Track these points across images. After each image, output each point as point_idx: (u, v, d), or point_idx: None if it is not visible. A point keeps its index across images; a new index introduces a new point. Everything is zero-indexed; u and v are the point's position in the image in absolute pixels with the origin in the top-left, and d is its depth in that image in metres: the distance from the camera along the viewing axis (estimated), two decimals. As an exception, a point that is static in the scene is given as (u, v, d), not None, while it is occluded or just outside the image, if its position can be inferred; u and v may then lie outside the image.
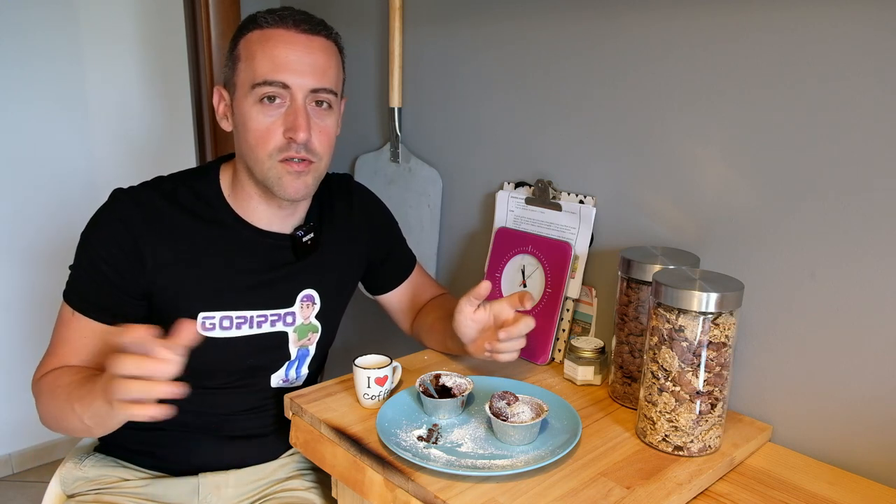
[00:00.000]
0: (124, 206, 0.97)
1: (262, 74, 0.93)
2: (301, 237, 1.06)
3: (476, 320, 0.99)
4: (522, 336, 0.97)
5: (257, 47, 0.94)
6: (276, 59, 0.93)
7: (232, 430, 1.07)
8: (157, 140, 2.47)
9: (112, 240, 0.96)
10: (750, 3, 0.92)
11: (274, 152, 0.95)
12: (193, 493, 1.05)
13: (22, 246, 2.20)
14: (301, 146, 0.95)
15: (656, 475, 0.83)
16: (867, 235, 0.86)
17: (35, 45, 2.13)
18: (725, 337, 0.84)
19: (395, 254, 1.23)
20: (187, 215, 1.00)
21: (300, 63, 0.94)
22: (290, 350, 1.08)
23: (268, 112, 0.94)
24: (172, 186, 1.02)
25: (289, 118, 0.94)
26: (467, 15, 1.31)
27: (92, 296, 0.96)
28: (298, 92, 0.94)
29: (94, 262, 0.96)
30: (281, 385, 1.09)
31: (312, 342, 1.10)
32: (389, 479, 0.83)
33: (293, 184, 0.97)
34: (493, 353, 0.98)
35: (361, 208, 1.18)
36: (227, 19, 1.70)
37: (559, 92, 1.18)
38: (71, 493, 1.07)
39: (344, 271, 1.15)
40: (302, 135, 0.93)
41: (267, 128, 0.94)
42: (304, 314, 1.08)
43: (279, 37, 0.94)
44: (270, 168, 0.96)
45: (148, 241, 0.96)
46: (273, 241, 1.05)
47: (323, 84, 0.96)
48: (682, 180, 1.04)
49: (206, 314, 1.00)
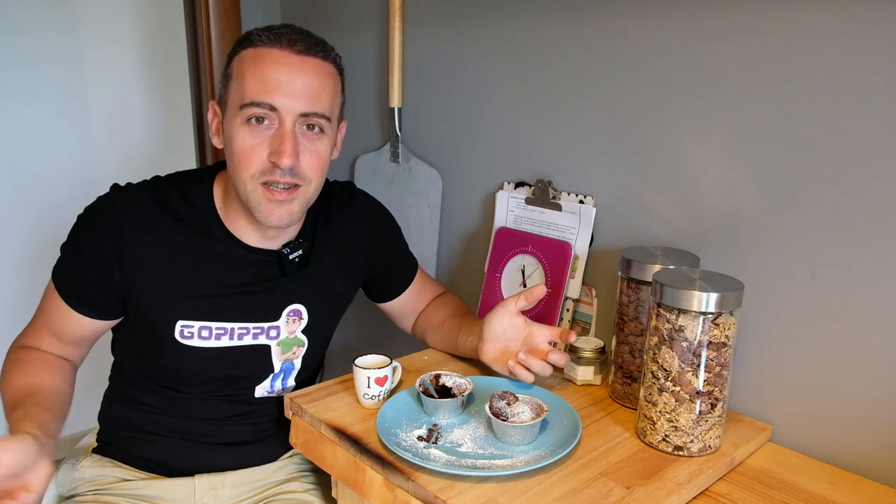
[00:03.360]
0: (116, 204, 0.98)
1: (250, 95, 0.90)
2: (288, 255, 1.03)
3: (512, 321, 1.00)
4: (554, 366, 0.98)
5: (248, 66, 0.91)
6: (266, 80, 0.89)
7: (225, 436, 1.07)
8: (157, 143, 2.47)
9: (97, 237, 0.97)
10: (750, 3, 0.92)
11: (256, 174, 0.92)
12: (190, 494, 1.05)
13: (22, 246, 2.19)
14: (286, 172, 0.92)
15: (656, 475, 0.83)
16: (867, 235, 0.86)
17: (35, 47, 2.13)
18: (725, 337, 0.84)
19: (396, 263, 1.21)
20: (176, 222, 0.99)
21: (290, 85, 0.90)
22: (274, 363, 1.06)
23: (255, 133, 0.91)
24: (167, 190, 1.01)
25: (275, 141, 0.91)
26: (467, 15, 1.31)
27: (71, 283, 0.99)
28: (287, 115, 0.90)
29: (81, 251, 0.98)
30: (266, 396, 1.09)
31: (298, 356, 1.09)
32: (389, 479, 0.83)
33: (276, 212, 0.94)
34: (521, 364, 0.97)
35: (363, 218, 1.15)
36: (227, 21, 1.70)
37: (559, 92, 1.18)
38: (68, 495, 1.07)
39: (337, 285, 1.12)
40: (286, 161, 0.90)
41: (252, 148, 0.91)
42: (289, 328, 1.06)
43: (271, 56, 0.90)
44: (252, 191, 0.93)
45: (132, 242, 0.97)
46: (260, 258, 1.03)
47: (314, 108, 0.92)
48: (682, 180, 1.04)
49: (185, 322, 1.00)
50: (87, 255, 0.97)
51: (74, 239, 0.99)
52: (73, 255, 0.98)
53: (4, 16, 2.05)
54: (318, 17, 1.66)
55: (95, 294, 0.99)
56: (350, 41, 1.57)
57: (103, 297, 0.99)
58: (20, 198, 2.16)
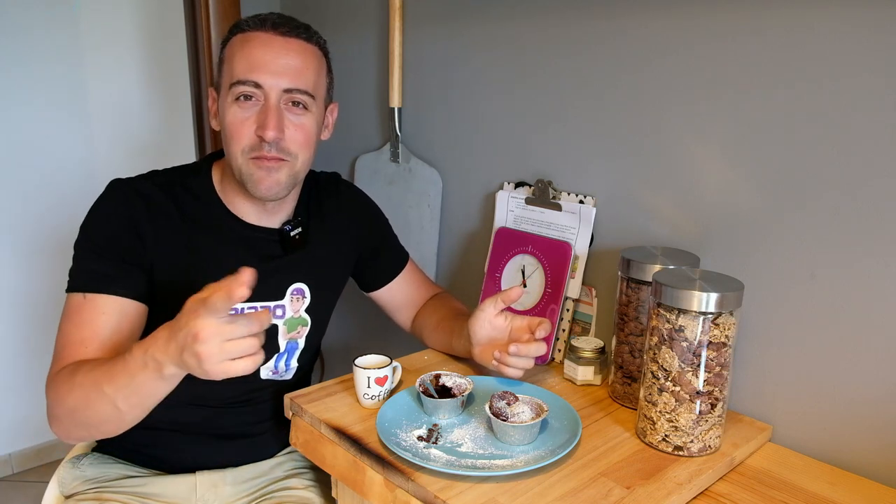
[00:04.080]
0: (124, 193, 0.99)
1: (237, 74, 0.96)
2: (289, 231, 1.08)
3: (493, 324, 1.00)
4: (531, 357, 0.97)
5: (237, 49, 0.98)
6: (252, 60, 0.96)
7: (225, 425, 1.08)
8: (158, 140, 2.47)
9: (115, 218, 0.97)
10: (750, 3, 0.92)
11: (246, 148, 0.98)
12: (191, 492, 1.05)
13: (22, 246, 2.19)
14: (272, 145, 0.97)
15: (656, 475, 0.83)
16: (867, 235, 0.86)
17: (36, 45, 2.13)
18: (725, 337, 0.84)
19: (385, 249, 1.24)
20: (181, 208, 1.02)
21: (274, 63, 0.96)
22: (279, 342, 1.09)
23: (244, 108, 0.97)
24: (167, 180, 1.04)
25: (260, 116, 0.97)
26: (467, 15, 1.31)
27: (103, 271, 0.95)
28: (271, 91, 0.96)
29: (98, 241, 0.96)
30: (271, 377, 1.10)
31: (301, 335, 1.12)
32: (389, 479, 0.83)
33: (265, 180, 0.98)
34: (501, 364, 0.98)
35: (349, 204, 1.20)
36: (227, 19, 1.70)
37: (559, 92, 1.18)
38: (69, 494, 1.07)
39: (333, 266, 1.16)
40: (270, 133, 0.95)
41: (241, 122, 0.97)
42: (293, 307, 1.09)
43: (256, 39, 0.97)
44: (243, 164, 0.98)
45: (147, 226, 0.98)
46: (262, 236, 1.07)
47: (296, 85, 0.98)
48: (682, 180, 1.04)
49: None
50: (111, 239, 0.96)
51: (90, 235, 0.97)
52: (96, 247, 0.96)
53: (5, 14, 2.05)
54: (317, 17, 1.66)
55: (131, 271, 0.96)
56: (350, 41, 1.57)
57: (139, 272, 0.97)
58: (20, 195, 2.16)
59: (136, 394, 0.82)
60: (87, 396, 0.84)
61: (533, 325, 0.98)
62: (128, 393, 0.82)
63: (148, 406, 0.86)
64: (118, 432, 0.89)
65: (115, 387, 0.82)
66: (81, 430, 0.90)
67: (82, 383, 0.85)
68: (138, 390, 0.82)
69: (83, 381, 0.85)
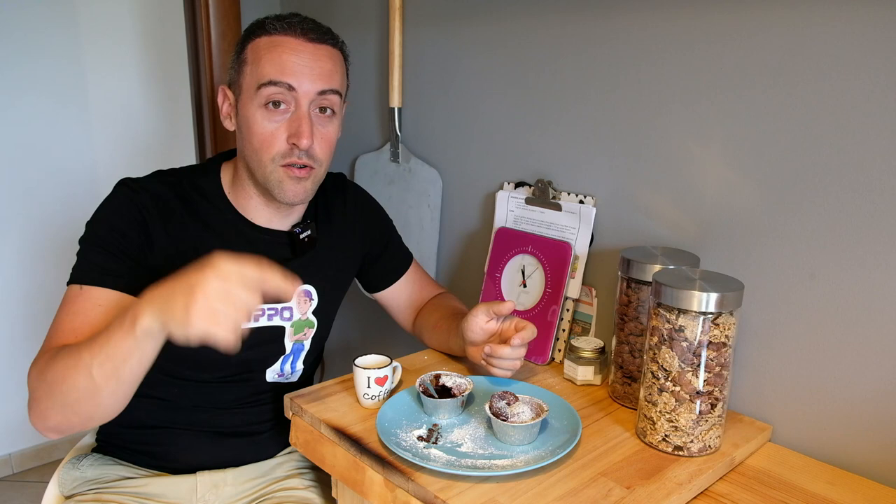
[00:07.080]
0: (133, 192, 0.99)
1: (268, 75, 0.96)
2: (299, 234, 1.08)
3: (485, 329, 1.01)
4: (518, 358, 0.98)
5: (265, 52, 0.97)
6: (284, 64, 0.96)
7: (227, 426, 1.08)
8: (158, 139, 2.47)
9: (123, 215, 0.97)
10: (750, 3, 0.92)
11: (277, 157, 0.98)
12: (192, 492, 1.05)
13: (23, 245, 2.20)
14: (303, 152, 0.98)
15: (656, 475, 0.83)
16: (867, 235, 0.86)
17: (36, 44, 2.13)
18: (725, 337, 0.84)
19: (390, 250, 1.24)
20: (189, 208, 1.02)
21: (306, 68, 0.97)
22: (286, 344, 1.09)
23: (273, 117, 0.97)
24: (176, 180, 1.04)
25: (293, 124, 0.97)
26: (467, 15, 1.31)
27: (103, 264, 0.94)
28: (304, 98, 0.97)
29: (103, 235, 0.95)
30: (276, 380, 1.10)
31: (308, 337, 1.12)
32: (389, 479, 0.83)
33: (293, 188, 1.00)
34: (490, 360, 0.98)
35: (355, 205, 1.20)
36: (227, 19, 1.70)
37: (559, 92, 1.18)
38: (69, 494, 1.07)
39: (340, 267, 1.16)
40: (305, 141, 0.96)
41: (272, 133, 0.97)
42: (301, 309, 1.09)
43: (287, 44, 0.97)
44: (272, 171, 0.99)
45: (155, 224, 0.98)
46: (271, 238, 1.07)
47: (330, 85, 0.99)
48: (682, 180, 1.04)
49: None
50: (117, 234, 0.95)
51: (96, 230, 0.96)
52: (101, 241, 0.95)
53: (4, 12, 2.05)
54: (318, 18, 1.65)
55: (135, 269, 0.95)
56: (350, 41, 1.57)
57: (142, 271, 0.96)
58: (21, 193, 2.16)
59: (110, 359, 0.78)
60: (66, 366, 0.82)
61: (519, 328, 0.98)
62: (102, 359, 0.79)
63: (123, 377, 0.80)
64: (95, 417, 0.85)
65: (92, 352, 0.80)
66: (57, 411, 0.85)
67: (64, 356, 0.83)
68: (112, 354, 0.78)
69: (65, 355, 0.84)
